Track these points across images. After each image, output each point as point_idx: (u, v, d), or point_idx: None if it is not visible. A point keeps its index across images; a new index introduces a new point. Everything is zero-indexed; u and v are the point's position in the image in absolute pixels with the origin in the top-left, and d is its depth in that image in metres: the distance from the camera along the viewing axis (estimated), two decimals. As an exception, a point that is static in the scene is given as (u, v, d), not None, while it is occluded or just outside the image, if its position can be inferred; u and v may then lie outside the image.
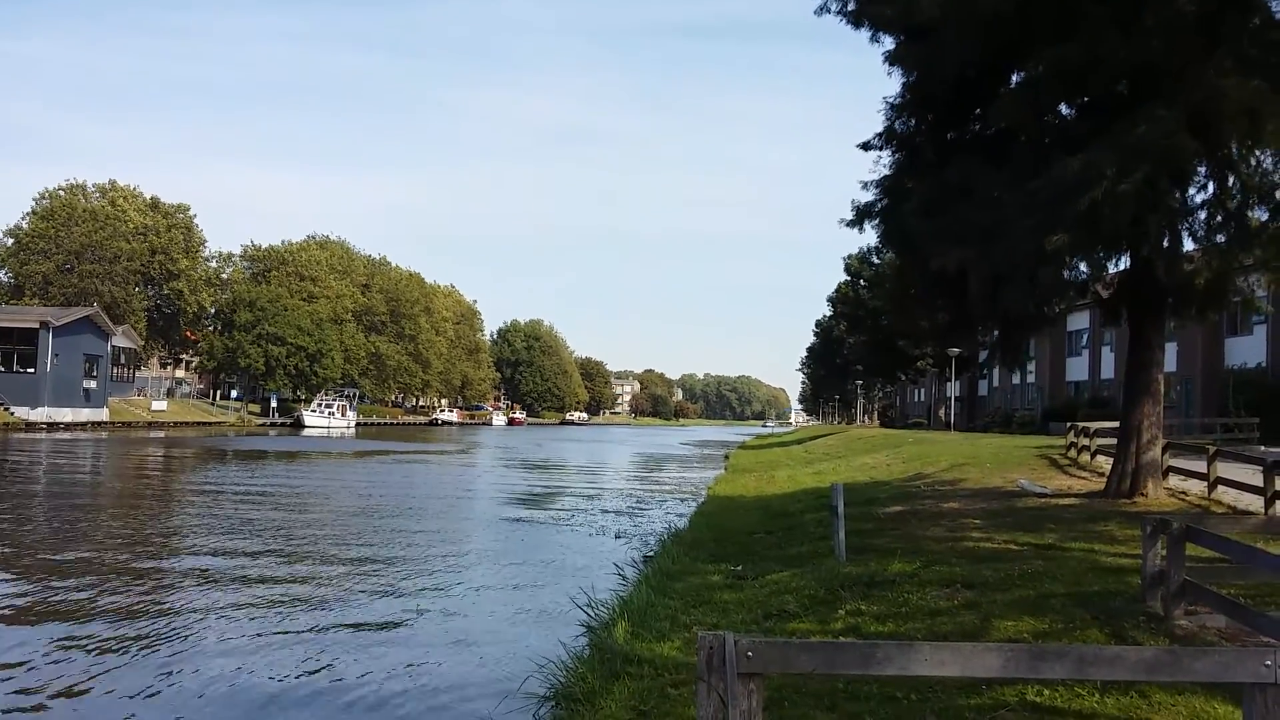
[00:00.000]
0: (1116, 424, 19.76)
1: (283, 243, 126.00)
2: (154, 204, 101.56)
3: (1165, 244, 16.43)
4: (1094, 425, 26.20)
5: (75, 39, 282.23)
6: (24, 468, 39.26)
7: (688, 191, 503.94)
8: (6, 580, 15.46)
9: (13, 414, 68.44)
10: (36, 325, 72.71)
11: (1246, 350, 42.25)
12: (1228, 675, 4.67)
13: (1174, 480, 19.03)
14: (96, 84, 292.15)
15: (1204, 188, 16.09)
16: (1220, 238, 16.26)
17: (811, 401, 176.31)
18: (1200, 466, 18.25)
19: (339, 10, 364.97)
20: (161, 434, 74.57)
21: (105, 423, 77.65)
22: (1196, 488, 18.34)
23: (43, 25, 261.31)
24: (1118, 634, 8.77)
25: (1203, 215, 16.18)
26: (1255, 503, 16.06)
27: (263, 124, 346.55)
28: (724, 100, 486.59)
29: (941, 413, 72.35)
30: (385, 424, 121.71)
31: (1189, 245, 17.12)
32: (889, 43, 17.58)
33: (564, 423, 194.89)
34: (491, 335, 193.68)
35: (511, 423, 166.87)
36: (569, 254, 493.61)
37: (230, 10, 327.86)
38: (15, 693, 9.85)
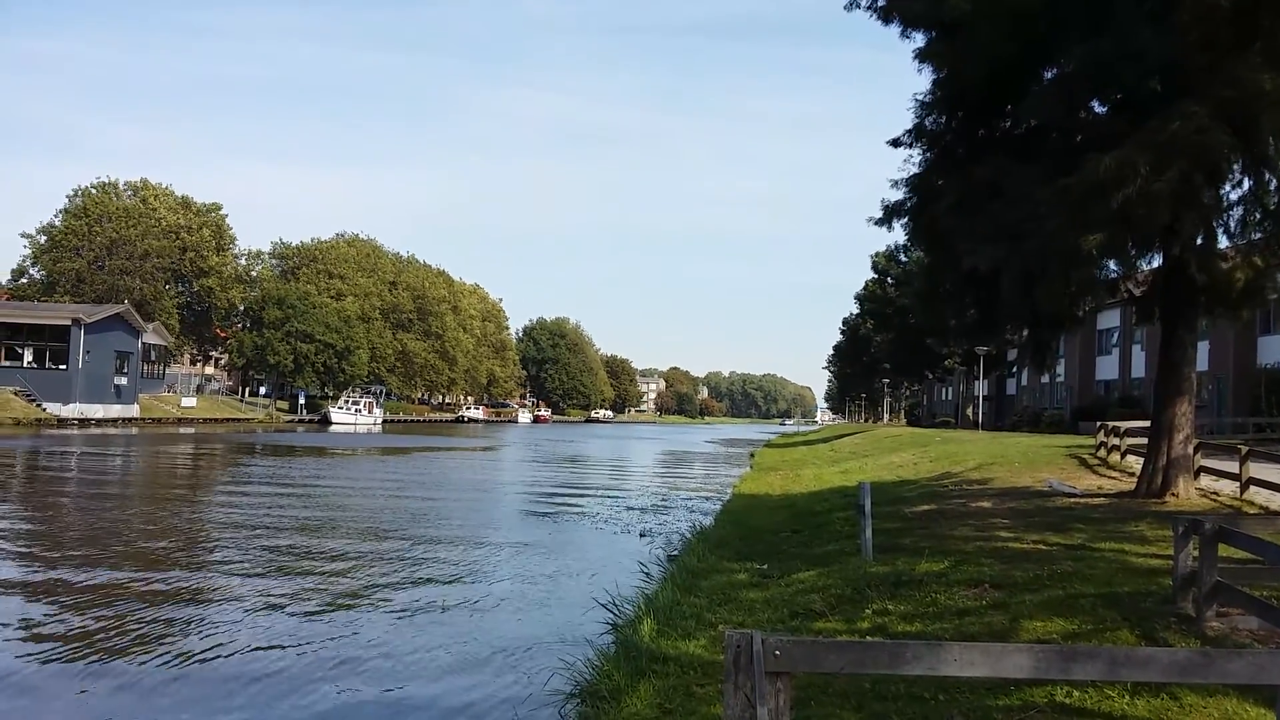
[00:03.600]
0: (1147, 423, 19.56)
1: (312, 240, 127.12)
2: (185, 203, 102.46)
3: (1199, 241, 16.25)
4: (1124, 425, 25.97)
5: (108, 39, 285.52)
6: (63, 463, 39.68)
7: (713, 189, 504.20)
8: (69, 570, 15.67)
9: (45, 410, 69.16)
10: (68, 322, 73.40)
11: (1280, 349, 41.78)
12: (1261, 677, 4.60)
13: (1205, 480, 18.83)
14: (130, 83, 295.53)
15: (1239, 184, 15.89)
16: (1256, 235, 16.06)
17: (838, 400, 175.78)
18: (1232, 466, 18.04)
19: (364, 9, 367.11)
20: (191, 430, 75.24)
21: (136, 419, 78.34)
22: (1228, 488, 18.13)
23: (76, 25, 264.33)
24: (1148, 635, 8.68)
25: (1238, 212, 15.99)
26: (1289, 504, 15.87)
27: (292, 122, 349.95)
28: (748, 98, 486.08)
29: (969, 411, 71.98)
30: (412, 421, 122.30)
31: (1223, 242, 16.95)
32: (919, 39, 17.49)
33: (589, 420, 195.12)
34: (517, 333, 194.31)
35: (537, 420, 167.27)
36: (595, 252, 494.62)
37: (260, 9, 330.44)
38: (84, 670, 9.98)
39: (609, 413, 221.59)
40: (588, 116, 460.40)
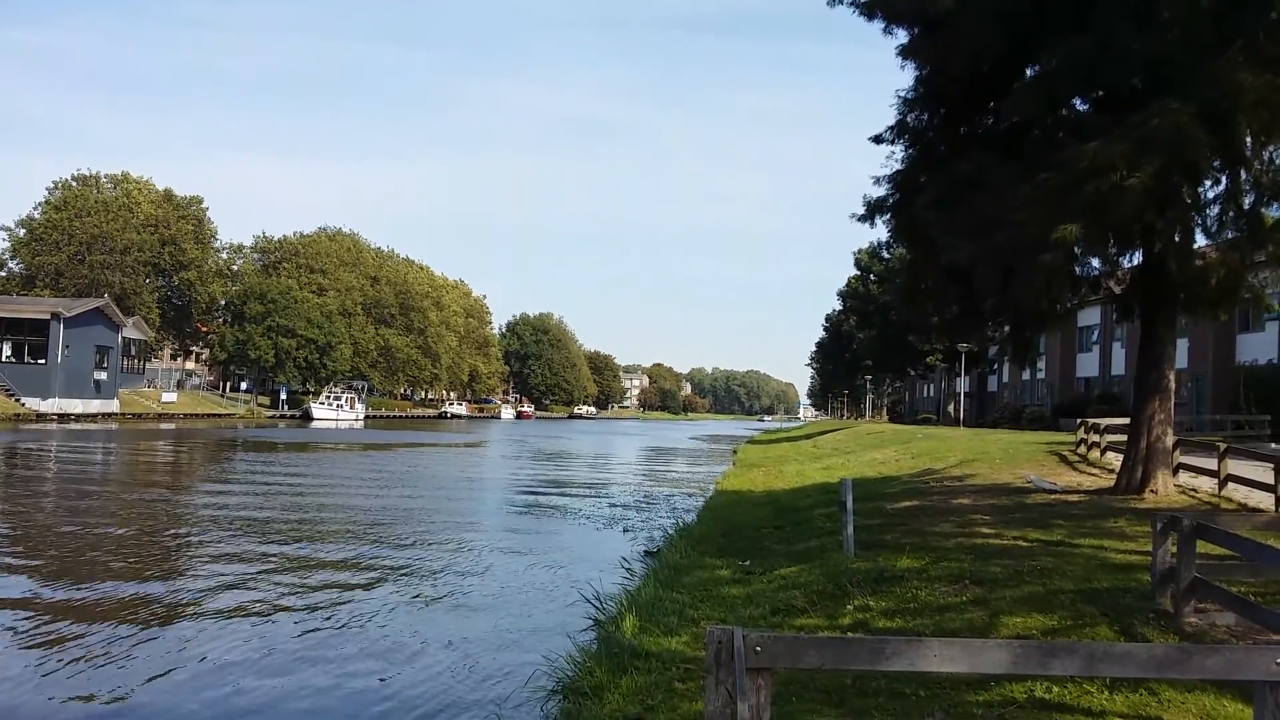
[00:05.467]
0: (1127, 420, 19.68)
1: (294, 234, 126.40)
2: (167, 195, 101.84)
3: (1177, 239, 16.35)
4: (1104, 421, 26.11)
5: (90, 30, 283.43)
6: (40, 459, 39.39)
7: (697, 185, 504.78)
8: (59, 573, 15.56)
9: (23, 405, 68.69)
10: (48, 316, 72.93)
11: (1258, 347, 42.07)
12: (1238, 673, 4.64)
13: (1184, 477, 18.96)
14: (111, 75, 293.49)
15: (1217, 183, 15.99)
16: (1232, 234, 16.16)
17: (820, 397, 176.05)
18: (1211, 463, 18.17)
19: (351, 2, 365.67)
20: (172, 426, 74.82)
21: (116, 414, 77.91)
22: (1207, 485, 18.27)
23: (56, 17, 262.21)
24: (1127, 631, 8.74)
25: (1215, 211, 16.08)
26: (1266, 500, 16.00)
27: (275, 115, 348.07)
28: (732, 94, 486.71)
29: (951, 408, 72.24)
30: (394, 417, 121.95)
31: (1201, 241, 17.05)
32: (902, 35, 17.52)
33: (572, 416, 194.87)
34: (500, 328, 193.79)
35: (520, 416, 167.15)
36: (579, 248, 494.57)
37: (244, 1, 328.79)
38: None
39: (592, 409, 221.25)
40: (573, 112, 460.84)
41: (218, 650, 11.19)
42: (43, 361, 72.53)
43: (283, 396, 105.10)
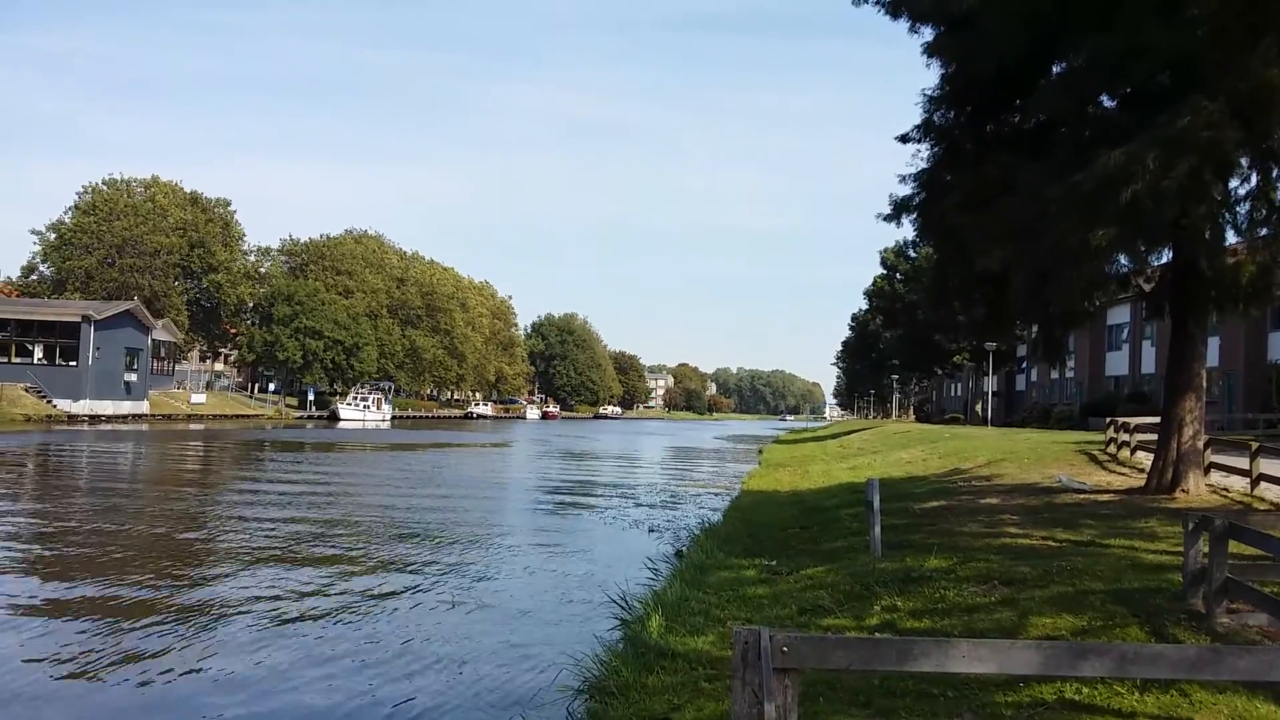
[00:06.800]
0: (1157, 419, 19.49)
1: (321, 237, 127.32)
2: (194, 199, 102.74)
3: (1208, 237, 16.17)
4: (1134, 420, 25.89)
5: (118, 35, 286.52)
6: (73, 460, 39.82)
7: (721, 185, 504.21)
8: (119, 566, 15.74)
9: (55, 406, 69.43)
10: (78, 319, 73.69)
11: (1291, 345, 41.62)
12: (1271, 674, 4.60)
13: (1216, 476, 18.76)
14: (139, 80, 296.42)
15: (1247, 179, 15.80)
16: (1264, 230, 15.98)
17: (846, 396, 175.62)
18: (1243, 463, 17.98)
19: (372, 7, 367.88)
20: (201, 426, 75.45)
21: (146, 415, 78.66)
22: (1239, 484, 18.07)
23: (85, 21, 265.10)
24: (1158, 632, 8.66)
25: (1246, 207, 15.90)
26: (1299, 500, 15.82)
27: (301, 119, 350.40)
28: (757, 94, 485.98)
29: (978, 408, 71.86)
30: (420, 417, 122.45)
31: (1232, 238, 16.86)
32: (928, 34, 17.43)
33: (598, 416, 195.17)
34: (525, 329, 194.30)
35: (545, 416, 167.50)
36: (604, 248, 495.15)
37: (269, 5, 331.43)
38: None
39: (617, 409, 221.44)
40: (596, 113, 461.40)
41: (250, 646, 11.28)
42: (74, 364, 73.33)
43: (310, 397, 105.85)
